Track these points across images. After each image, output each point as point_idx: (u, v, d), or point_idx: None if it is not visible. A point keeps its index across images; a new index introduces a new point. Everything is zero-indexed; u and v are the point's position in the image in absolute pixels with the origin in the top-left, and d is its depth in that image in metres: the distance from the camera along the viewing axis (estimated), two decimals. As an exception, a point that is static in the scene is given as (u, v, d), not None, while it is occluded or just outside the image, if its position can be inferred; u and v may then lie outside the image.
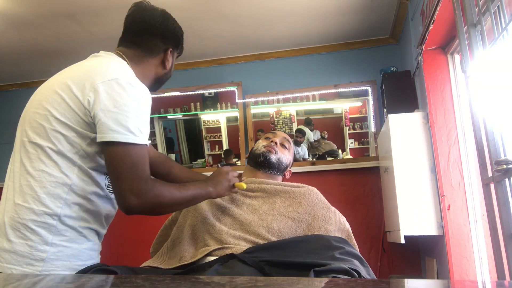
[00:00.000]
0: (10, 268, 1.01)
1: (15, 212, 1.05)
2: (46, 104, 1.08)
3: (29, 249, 1.02)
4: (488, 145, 1.47)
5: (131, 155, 1.02)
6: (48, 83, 1.15)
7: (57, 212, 1.06)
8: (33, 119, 1.09)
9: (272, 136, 1.44)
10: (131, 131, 1.02)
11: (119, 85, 1.04)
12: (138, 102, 1.05)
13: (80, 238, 1.09)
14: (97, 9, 2.85)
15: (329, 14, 3.08)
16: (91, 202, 1.11)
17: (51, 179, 1.06)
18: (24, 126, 1.12)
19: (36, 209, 1.05)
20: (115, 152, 1.02)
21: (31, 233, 1.03)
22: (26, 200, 1.05)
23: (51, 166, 1.06)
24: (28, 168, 1.07)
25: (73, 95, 1.05)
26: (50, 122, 1.06)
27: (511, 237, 1.35)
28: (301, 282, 0.58)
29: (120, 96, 1.03)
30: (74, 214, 1.08)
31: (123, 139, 1.01)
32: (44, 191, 1.05)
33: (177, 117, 4.26)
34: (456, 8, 1.66)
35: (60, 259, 1.05)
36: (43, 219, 1.05)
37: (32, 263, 1.02)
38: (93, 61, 1.16)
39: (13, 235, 1.03)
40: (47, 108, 1.07)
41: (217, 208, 1.23)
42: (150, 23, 1.21)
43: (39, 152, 1.07)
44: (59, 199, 1.06)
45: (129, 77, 1.08)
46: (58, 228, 1.06)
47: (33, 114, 1.10)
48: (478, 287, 0.66)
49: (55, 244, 1.05)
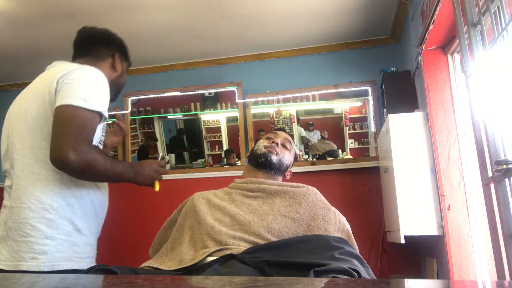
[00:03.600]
0: (19, 264, 1.12)
1: (15, 215, 1.15)
2: (22, 113, 1.22)
3: (31, 245, 1.13)
4: (488, 145, 1.47)
5: (78, 116, 1.12)
6: (21, 97, 1.30)
7: (54, 206, 1.16)
8: (14, 126, 1.23)
9: (273, 136, 1.44)
10: (83, 98, 1.14)
11: (76, 69, 1.22)
12: (90, 76, 1.22)
13: (75, 232, 1.20)
14: (97, 9, 2.85)
15: (329, 14, 3.08)
16: (82, 194, 1.22)
17: (40, 178, 1.16)
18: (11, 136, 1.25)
19: (34, 207, 1.15)
20: (65, 111, 1.12)
21: (31, 230, 1.14)
22: (23, 201, 1.15)
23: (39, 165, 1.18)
24: (17, 172, 1.18)
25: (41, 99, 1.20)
26: (27, 123, 1.19)
27: (511, 237, 1.35)
28: (301, 282, 0.58)
29: (73, 74, 1.20)
30: (68, 207, 1.18)
31: (74, 103, 1.13)
32: (38, 190, 1.16)
33: (177, 117, 4.25)
34: (456, 8, 1.66)
35: (60, 251, 1.16)
36: (41, 215, 1.15)
37: (36, 257, 1.13)
38: (50, 70, 1.32)
39: (17, 235, 1.14)
40: (25, 115, 1.21)
41: (217, 208, 1.23)
42: (94, 34, 1.44)
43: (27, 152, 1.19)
44: (53, 194, 1.16)
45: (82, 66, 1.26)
46: (56, 222, 1.16)
47: (13, 123, 1.24)
48: (478, 287, 0.66)
49: (54, 237, 1.15)
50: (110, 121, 4.01)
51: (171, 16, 2.96)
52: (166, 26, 3.14)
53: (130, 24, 3.07)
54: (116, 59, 1.44)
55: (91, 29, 1.45)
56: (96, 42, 1.42)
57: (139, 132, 4.13)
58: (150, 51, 3.63)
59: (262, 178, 1.34)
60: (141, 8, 2.84)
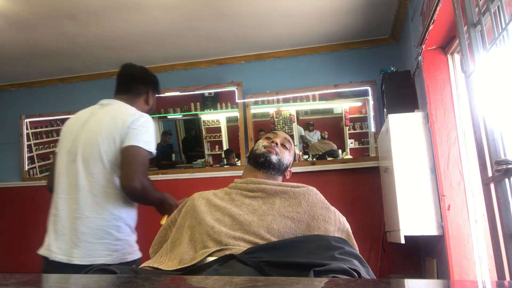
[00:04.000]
0: (97, 259, 1.48)
1: (91, 223, 1.51)
2: (96, 145, 1.57)
3: (106, 245, 1.52)
4: (488, 145, 1.47)
5: (142, 155, 1.54)
6: (88, 128, 1.62)
7: (121, 217, 1.56)
8: (89, 156, 1.57)
9: (273, 136, 1.44)
10: (144, 141, 1.55)
11: (140, 116, 1.60)
12: (149, 124, 1.61)
13: (131, 233, 1.62)
14: (97, 9, 2.85)
15: (329, 14, 3.08)
16: (133, 208, 1.63)
17: (110, 196, 1.56)
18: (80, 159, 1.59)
19: (107, 217, 1.53)
20: (133, 150, 1.52)
21: (106, 234, 1.52)
22: (99, 213, 1.53)
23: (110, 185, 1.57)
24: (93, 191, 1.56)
25: (112, 138, 1.56)
26: (101, 155, 1.55)
27: (511, 237, 1.35)
28: (301, 282, 0.59)
29: (138, 121, 1.58)
30: (128, 216, 1.59)
31: (140, 145, 1.53)
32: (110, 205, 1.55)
33: (177, 117, 4.26)
34: (456, 8, 1.66)
35: (125, 248, 1.57)
36: (113, 223, 1.54)
37: (111, 254, 1.52)
38: (111, 108, 1.66)
39: (93, 238, 1.50)
40: (99, 148, 1.56)
41: (216, 209, 1.23)
42: (133, 73, 1.76)
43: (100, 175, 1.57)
44: (120, 208, 1.56)
45: (140, 113, 1.64)
46: (122, 227, 1.56)
47: (87, 152, 1.58)
48: (478, 287, 0.66)
49: (121, 239, 1.56)
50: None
51: (171, 16, 2.96)
52: (166, 26, 3.14)
53: (130, 24, 3.07)
54: (149, 95, 1.78)
55: (131, 67, 1.78)
56: (134, 80, 1.75)
57: (139, 132, 4.13)
58: (150, 51, 3.63)
59: (262, 178, 1.34)
60: (141, 8, 2.83)
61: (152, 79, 1.79)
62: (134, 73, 1.75)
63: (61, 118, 4.18)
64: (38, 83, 4.27)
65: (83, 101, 4.31)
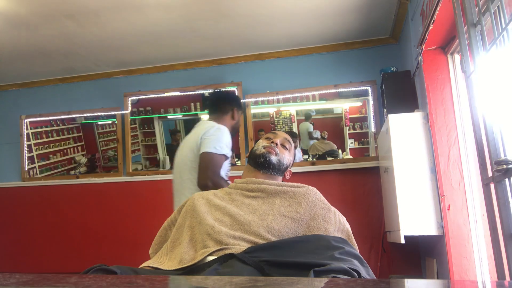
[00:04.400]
0: None
1: (178, 202, 1.97)
2: (186, 156, 2.07)
3: None
4: (488, 145, 1.47)
5: (213, 159, 1.93)
6: (182, 147, 2.16)
7: None
8: (185, 166, 2.06)
9: (272, 136, 1.44)
10: (213, 146, 1.95)
11: (211, 127, 2.04)
12: (219, 132, 2.01)
13: None
14: (97, 9, 2.85)
15: (329, 14, 3.08)
16: None
17: (191, 188, 2.00)
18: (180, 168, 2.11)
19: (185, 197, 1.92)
20: (205, 156, 1.94)
21: None
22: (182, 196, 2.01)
23: None
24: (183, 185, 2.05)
25: (193, 148, 2.03)
26: (187, 164, 2.05)
27: (511, 237, 1.35)
28: (301, 282, 0.59)
29: (209, 132, 2.01)
30: None
31: (210, 150, 1.94)
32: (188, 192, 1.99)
33: (177, 117, 4.25)
34: (456, 8, 1.66)
35: None
36: None
37: None
38: (197, 127, 2.17)
39: None
40: (189, 159, 2.05)
41: (216, 208, 1.23)
42: (221, 97, 2.26)
43: None
44: None
45: (214, 125, 2.07)
46: None
47: (183, 164, 2.08)
48: (478, 287, 0.66)
49: None
50: (110, 121, 4.02)
51: (171, 16, 2.96)
52: (166, 26, 3.14)
53: (130, 24, 3.07)
54: (234, 112, 2.21)
55: (217, 92, 2.35)
56: (222, 102, 2.21)
57: (139, 132, 4.13)
58: (150, 51, 3.63)
59: (261, 178, 1.34)
60: (141, 8, 2.84)
61: (236, 98, 2.28)
62: (219, 96, 2.26)
63: (61, 118, 4.18)
64: (38, 83, 4.27)
65: (83, 101, 4.35)
